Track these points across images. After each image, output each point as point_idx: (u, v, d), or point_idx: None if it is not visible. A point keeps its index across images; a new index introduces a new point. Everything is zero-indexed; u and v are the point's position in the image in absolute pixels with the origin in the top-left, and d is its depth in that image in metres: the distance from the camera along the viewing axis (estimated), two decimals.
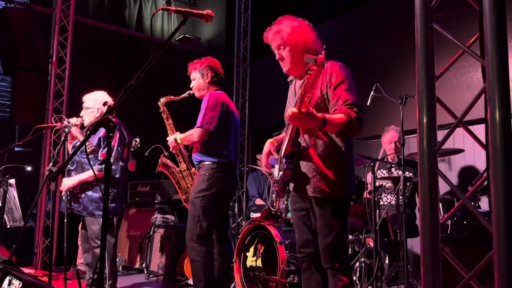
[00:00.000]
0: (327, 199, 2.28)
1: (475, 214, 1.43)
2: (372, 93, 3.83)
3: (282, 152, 2.36)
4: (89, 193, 3.65)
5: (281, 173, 2.34)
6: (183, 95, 3.51)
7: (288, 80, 2.62)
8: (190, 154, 3.45)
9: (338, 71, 2.29)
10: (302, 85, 2.09)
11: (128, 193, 5.84)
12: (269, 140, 2.54)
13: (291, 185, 2.40)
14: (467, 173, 4.67)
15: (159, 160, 3.59)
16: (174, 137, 3.30)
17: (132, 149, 3.98)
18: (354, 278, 3.48)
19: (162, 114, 3.55)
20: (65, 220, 3.35)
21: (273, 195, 2.38)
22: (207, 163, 3.21)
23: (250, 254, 3.76)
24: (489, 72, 1.38)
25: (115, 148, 3.57)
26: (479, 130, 2.23)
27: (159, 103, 3.55)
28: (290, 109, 2.09)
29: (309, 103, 2.15)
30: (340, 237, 2.29)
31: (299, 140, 2.36)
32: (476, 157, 4.54)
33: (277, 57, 2.45)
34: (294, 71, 2.46)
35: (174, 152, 3.44)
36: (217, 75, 3.39)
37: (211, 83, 3.37)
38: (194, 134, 3.17)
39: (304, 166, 2.33)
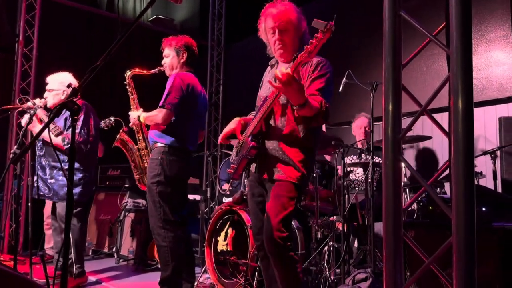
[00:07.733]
0: (287, 182, 2.25)
1: (436, 200, 1.46)
2: (344, 79, 3.84)
3: (249, 132, 2.34)
4: (60, 178, 3.60)
5: (243, 151, 2.31)
6: (152, 71, 3.38)
7: (270, 63, 2.53)
8: None
9: (323, 65, 2.28)
10: (299, 55, 1.97)
11: (97, 176, 5.75)
12: (237, 118, 2.48)
13: (252, 167, 2.38)
14: (435, 159, 4.78)
15: (117, 136, 3.49)
16: (137, 114, 3.17)
17: (106, 128, 3.86)
18: (323, 262, 3.54)
19: (127, 87, 3.40)
20: (29, 204, 3.28)
21: (226, 176, 2.34)
22: (159, 145, 3.08)
23: (221, 238, 3.77)
24: (453, 61, 1.40)
25: (79, 129, 3.47)
26: (447, 117, 2.27)
27: (125, 74, 3.40)
28: (283, 69, 1.99)
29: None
30: (288, 219, 2.23)
31: (269, 122, 2.34)
32: (444, 144, 4.65)
33: (275, 38, 2.32)
34: (288, 56, 2.35)
35: (134, 128, 3.33)
36: (192, 56, 3.26)
37: (185, 64, 3.25)
38: (158, 115, 3.01)
39: (271, 147, 2.32)
